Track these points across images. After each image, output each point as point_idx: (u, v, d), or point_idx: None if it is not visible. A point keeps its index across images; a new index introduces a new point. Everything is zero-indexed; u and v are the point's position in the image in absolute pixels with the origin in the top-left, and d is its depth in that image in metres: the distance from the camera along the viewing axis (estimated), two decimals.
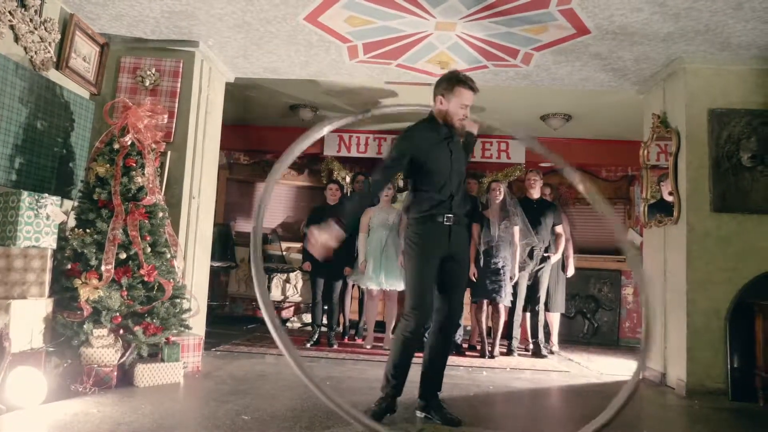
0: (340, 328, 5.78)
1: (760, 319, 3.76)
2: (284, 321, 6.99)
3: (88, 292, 3.19)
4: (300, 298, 7.13)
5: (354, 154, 7.11)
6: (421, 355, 2.92)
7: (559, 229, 5.47)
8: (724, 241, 3.98)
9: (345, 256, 5.26)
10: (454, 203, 2.82)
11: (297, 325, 6.95)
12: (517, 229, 5.05)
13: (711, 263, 3.97)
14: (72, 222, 3.50)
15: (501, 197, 5.10)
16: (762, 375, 3.68)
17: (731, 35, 3.74)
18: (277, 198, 7.74)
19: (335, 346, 5.21)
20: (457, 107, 2.79)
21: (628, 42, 3.94)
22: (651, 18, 3.58)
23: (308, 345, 5.19)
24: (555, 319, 5.76)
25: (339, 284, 5.37)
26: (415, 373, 2.88)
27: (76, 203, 3.60)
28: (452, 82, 2.81)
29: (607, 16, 3.59)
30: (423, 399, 2.88)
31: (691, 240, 4.01)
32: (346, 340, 5.69)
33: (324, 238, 2.58)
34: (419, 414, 2.87)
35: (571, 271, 5.72)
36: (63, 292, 3.27)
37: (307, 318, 6.80)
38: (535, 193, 5.51)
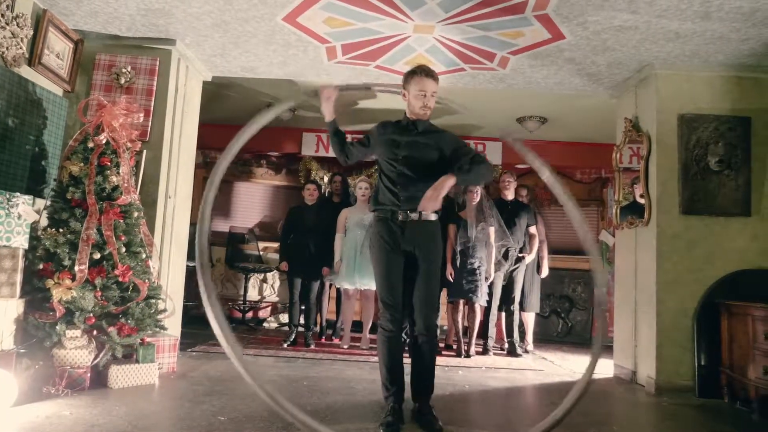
0: (317, 328, 5.79)
1: (725, 319, 3.88)
2: (261, 321, 6.96)
3: (60, 292, 3.15)
4: (277, 298, 7.11)
5: (332, 154, 7.08)
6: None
7: (533, 230, 5.56)
8: (692, 243, 4.10)
9: (322, 257, 5.27)
10: (406, 199, 2.74)
11: (274, 325, 6.93)
12: (492, 230, 5.12)
13: (680, 264, 4.08)
14: (44, 221, 3.44)
15: (477, 198, 5.17)
16: (727, 372, 3.80)
17: (700, 43, 3.85)
18: (254, 197, 7.70)
19: (312, 346, 5.21)
20: (415, 95, 2.80)
21: (601, 48, 4.02)
22: (623, 25, 3.67)
23: (285, 345, 5.19)
24: (530, 319, 5.85)
25: (316, 284, 5.39)
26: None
27: (48, 202, 3.53)
28: (409, 74, 2.86)
29: (581, 22, 3.67)
30: (413, 400, 2.84)
31: (661, 241, 4.12)
32: (323, 340, 5.70)
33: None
34: None
35: (545, 272, 5.81)
36: (35, 293, 3.21)
37: (284, 318, 6.79)
38: (510, 195, 5.60)
